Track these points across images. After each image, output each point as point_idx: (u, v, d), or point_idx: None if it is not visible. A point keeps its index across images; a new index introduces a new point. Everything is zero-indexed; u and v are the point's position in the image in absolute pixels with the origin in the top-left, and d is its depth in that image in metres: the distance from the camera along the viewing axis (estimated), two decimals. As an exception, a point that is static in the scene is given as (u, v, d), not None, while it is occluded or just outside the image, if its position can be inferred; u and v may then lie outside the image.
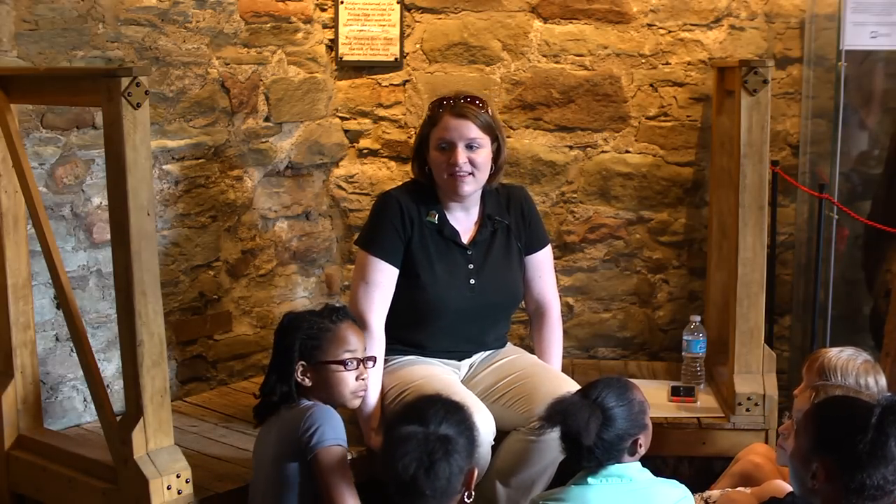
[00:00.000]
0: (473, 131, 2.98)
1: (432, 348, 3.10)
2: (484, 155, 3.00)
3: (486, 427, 2.79)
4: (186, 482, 2.63)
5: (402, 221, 3.02)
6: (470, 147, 2.97)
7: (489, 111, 3.05)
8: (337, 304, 2.78)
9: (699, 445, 3.24)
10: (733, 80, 3.28)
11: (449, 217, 3.08)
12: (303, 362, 2.61)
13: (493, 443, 2.85)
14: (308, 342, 2.62)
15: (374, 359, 2.77)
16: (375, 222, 3.05)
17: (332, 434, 2.49)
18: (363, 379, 2.68)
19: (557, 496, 2.39)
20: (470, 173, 2.98)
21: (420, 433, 2.16)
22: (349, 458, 2.55)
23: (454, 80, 3.91)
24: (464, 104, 3.00)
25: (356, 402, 2.70)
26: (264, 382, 2.68)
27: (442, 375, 3.00)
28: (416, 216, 3.03)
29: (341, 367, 2.62)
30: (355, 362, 2.65)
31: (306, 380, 2.61)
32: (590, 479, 2.38)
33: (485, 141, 3.00)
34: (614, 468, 2.39)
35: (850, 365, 2.70)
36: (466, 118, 2.97)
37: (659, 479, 2.44)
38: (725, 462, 3.02)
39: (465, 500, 2.24)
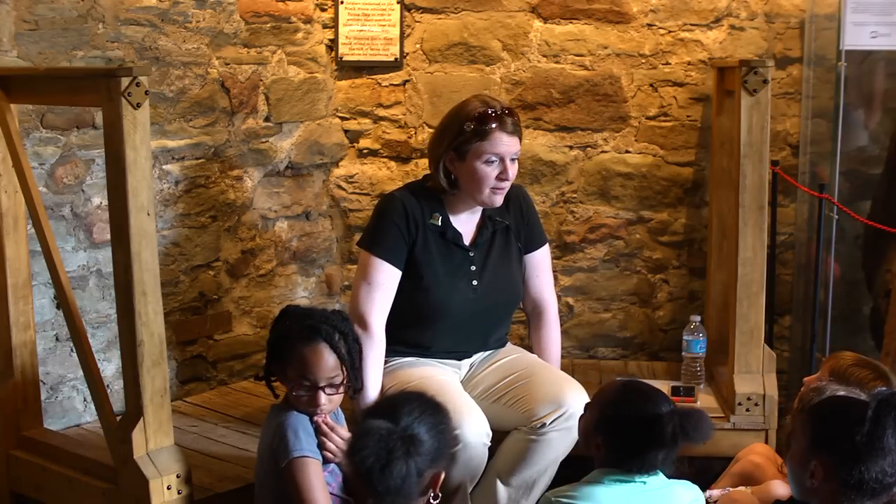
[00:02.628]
0: (517, 145, 3.00)
1: (434, 349, 3.10)
2: (517, 166, 3.04)
3: (479, 428, 2.79)
4: (186, 482, 2.63)
5: (406, 223, 3.01)
6: (513, 160, 3.00)
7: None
8: (323, 320, 2.58)
9: (699, 445, 3.23)
10: (733, 80, 3.28)
11: (452, 219, 3.08)
12: (273, 362, 2.60)
13: (489, 443, 2.85)
14: (275, 351, 2.58)
15: (333, 387, 2.55)
16: (379, 223, 3.05)
17: (298, 446, 2.45)
18: (320, 405, 2.53)
19: (570, 493, 2.38)
20: (508, 185, 3.02)
21: (384, 429, 2.13)
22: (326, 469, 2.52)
23: (454, 80, 3.91)
24: (513, 120, 2.98)
25: (312, 415, 2.58)
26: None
27: (439, 376, 3.00)
28: (419, 218, 3.03)
29: (292, 390, 2.55)
30: (303, 390, 2.52)
31: (278, 376, 2.61)
32: (604, 478, 2.37)
33: (518, 152, 3.04)
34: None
35: (870, 385, 2.66)
36: (516, 135, 2.99)
37: (672, 480, 2.42)
38: (725, 462, 3.02)
39: (431, 501, 2.21)
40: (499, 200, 3.03)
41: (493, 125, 2.94)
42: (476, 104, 3.00)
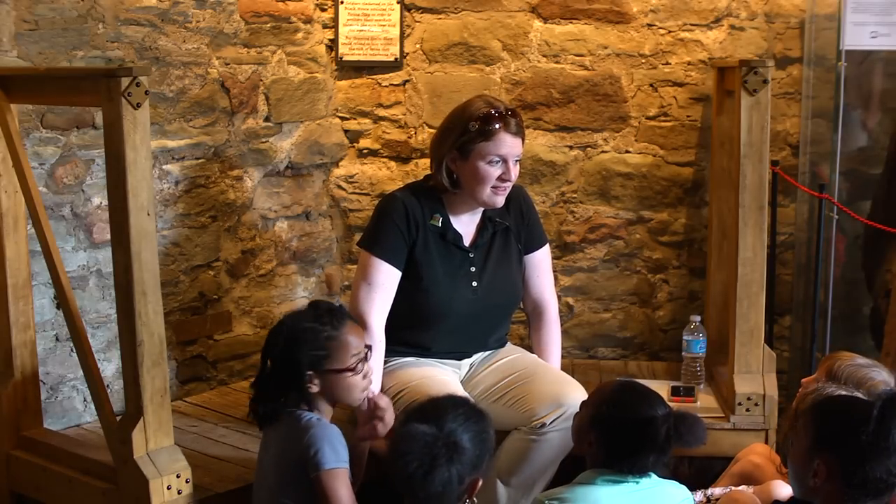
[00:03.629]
0: (520, 147, 3.01)
1: (434, 349, 3.10)
2: (518, 166, 3.04)
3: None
4: (186, 482, 2.63)
5: (406, 224, 3.02)
6: (515, 162, 3.00)
7: None
8: (333, 304, 2.70)
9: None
10: (733, 80, 3.28)
11: (453, 221, 3.08)
12: (310, 372, 2.54)
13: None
14: (316, 353, 2.54)
15: (370, 348, 2.69)
16: (380, 224, 3.05)
17: (334, 457, 2.43)
18: (369, 376, 2.64)
19: (562, 495, 2.38)
20: (509, 185, 3.02)
21: (430, 435, 2.13)
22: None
23: (454, 80, 3.91)
24: (516, 122, 2.99)
25: (362, 399, 2.66)
26: (261, 385, 2.59)
27: (440, 376, 3.00)
28: (420, 219, 3.03)
29: (351, 373, 2.57)
30: (361, 364, 2.60)
31: (313, 387, 2.54)
32: (596, 479, 2.37)
33: (521, 154, 3.04)
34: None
35: (868, 385, 2.65)
36: (519, 136, 2.99)
37: (662, 480, 2.43)
38: (725, 462, 3.02)
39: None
40: (500, 201, 3.03)
41: (497, 126, 2.95)
42: (480, 104, 3.00)
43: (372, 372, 2.68)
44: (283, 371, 2.55)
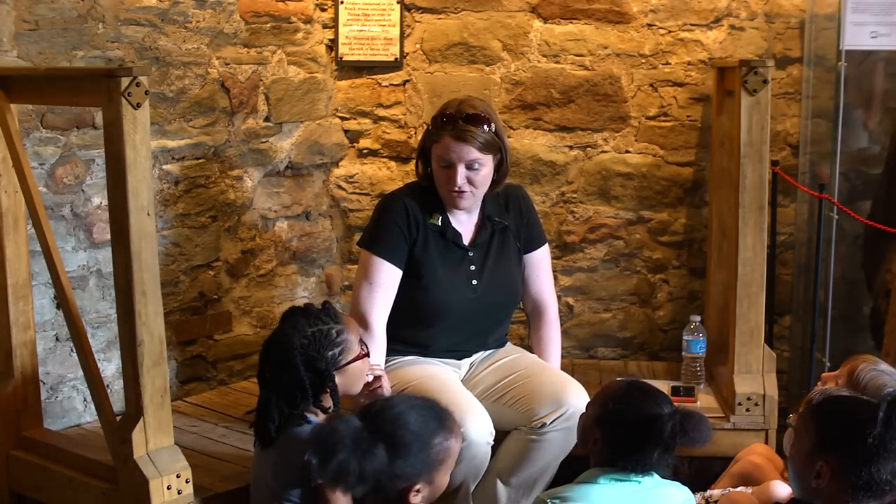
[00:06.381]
0: (473, 153, 2.94)
1: (434, 348, 3.10)
2: (484, 173, 2.99)
3: (483, 427, 2.80)
4: (186, 482, 2.63)
5: (406, 223, 3.02)
6: (470, 167, 2.96)
7: (492, 126, 2.98)
8: (311, 304, 2.65)
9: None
10: (733, 80, 3.28)
11: (451, 219, 3.08)
12: (334, 372, 2.53)
13: (492, 443, 2.85)
14: (337, 351, 2.54)
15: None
16: (380, 223, 3.05)
17: None
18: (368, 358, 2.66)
19: (564, 494, 2.38)
20: (469, 191, 2.99)
21: (353, 428, 2.06)
22: None
23: (454, 80, 3.91)
24: (465, 126, 2.93)
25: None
26: (266, 407, 2.52)
27: (440, 375, 3.00)
28: (419, 218, 3.04)
29: (364, 358, 2.61)
30: (365, 346, 2.64)
31: (327, 394, 2.54)
32: (599, 478, 2.37)
33: (486, 160, 2.98)
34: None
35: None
36: (466, 142, 2.93)
37: (664, 480, 2.43)
38: (725, 462, 3.03)
39: None
40: (462, 204, 3.02)
41: (443, 129, 2.95)
42: (448, 104, 3.02)
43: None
44: (302, 383, 2.49)
